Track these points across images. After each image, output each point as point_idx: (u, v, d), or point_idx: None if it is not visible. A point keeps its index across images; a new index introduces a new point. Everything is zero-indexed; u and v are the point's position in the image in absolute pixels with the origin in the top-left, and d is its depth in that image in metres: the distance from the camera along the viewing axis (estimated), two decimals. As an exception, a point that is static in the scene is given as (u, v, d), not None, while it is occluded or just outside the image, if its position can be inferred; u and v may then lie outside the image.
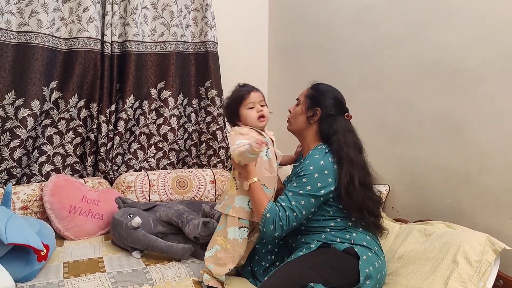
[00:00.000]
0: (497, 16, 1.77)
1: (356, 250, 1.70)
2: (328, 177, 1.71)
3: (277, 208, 1.70)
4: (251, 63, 3.33)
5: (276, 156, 1.91)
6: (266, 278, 1.70)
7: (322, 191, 1.70)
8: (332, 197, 1.75)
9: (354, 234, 1.76)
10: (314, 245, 1.75)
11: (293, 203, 1.70)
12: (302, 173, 1.74)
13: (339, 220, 1.78)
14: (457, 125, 1.96)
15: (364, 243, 1.75)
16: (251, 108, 1.87)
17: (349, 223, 1.78)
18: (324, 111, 1.83)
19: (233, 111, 1.91)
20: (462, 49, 1.92)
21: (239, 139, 1.77)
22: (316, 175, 1.71)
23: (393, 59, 2.28)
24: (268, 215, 1.69)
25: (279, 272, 1.67)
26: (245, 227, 1.81)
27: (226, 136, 3.03)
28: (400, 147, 2.21)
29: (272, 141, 1.93)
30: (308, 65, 2.96)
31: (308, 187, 1.70)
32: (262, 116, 1.88)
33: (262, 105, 1.90)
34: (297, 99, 1.93)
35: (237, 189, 1.84)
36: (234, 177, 1.87)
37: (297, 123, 1.91)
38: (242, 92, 1.91)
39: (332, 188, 1.71)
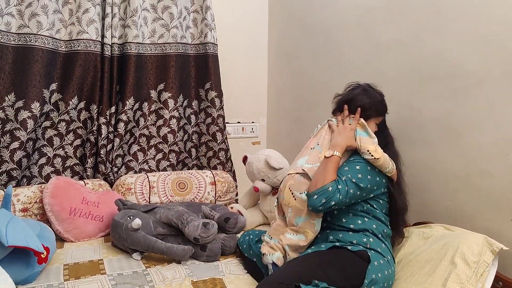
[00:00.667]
0: (496, 21, 1.78)
1: (370, 254, 1.74)
2: (368, 174, 1.80)
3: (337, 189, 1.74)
4: (251, 65, 3.34)
5: None
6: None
7: (362, 185, 1.78)
8: (374, 198, 1.84)
9: (371, 239, 1.80)
10: (325, 246, 1.79)
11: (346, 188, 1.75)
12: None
13: (366, 219, 1.82)
14: (457, 128, 1.97)
15: (379, 250, 1.79)
16: (375, 124, 1.97)
17: (374, 226, 1.82)
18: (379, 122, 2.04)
19: (371, 113, 1.94)
20: (462, 53, 1.93)
21: (375, 139, 1.87)
22: (358, 170, 1.80)
23: (393, 62, 2.29)
24: (330, 188, 1.72)
25: (287, 266, 1.73)
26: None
27: (226, 138, 3.03)
28: (400, 150, 2.20)
29: None
30: (309, 68, 2.97)
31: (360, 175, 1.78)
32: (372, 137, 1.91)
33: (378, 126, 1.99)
34: None
35: None
36: None
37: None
38: (383, 109, 2.00)
39: (368, 186, 1.79)
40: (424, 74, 2.11)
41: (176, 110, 2.94)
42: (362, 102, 1.93)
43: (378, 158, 1.78)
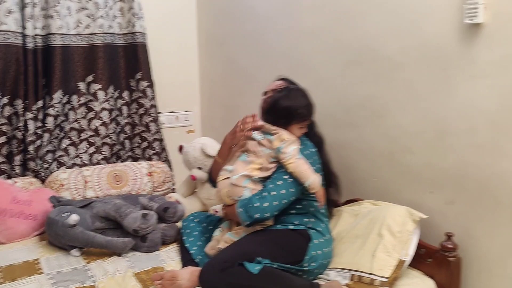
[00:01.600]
0: (413, 8, 1.92)
1: (310, 233, 1.84)
2: (312, 165, 1.85)
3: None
4: (182, 53, 3.33)
5: None
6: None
7: None
8: None
9: (312, 219, 1.89)
10: (271, 223, 1.86)
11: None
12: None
13: (305, 202, 1.89)
14: (380, 109, 2.11)
15: (319, 229, 1.89)
16: (301, 128, 1.91)
17: (311, 208, 1.90)
18: None
19: (287, 121, 1.88)
20: (383, 38, 2.06)
21: (294, 145, 1.82)
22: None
23: (318, 48, 2.39)
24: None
25: (231, 246, 1.79)
26: None
27: (159, 128, 3.02)
28: (329, 131, 2.32)
29: None
30: (239, 56, 3.01)
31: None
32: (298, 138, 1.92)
33: (305, 127, 1.95)
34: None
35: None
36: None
37: None
38: (307, 114, 1.92)
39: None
40: (348, 59, 2.23)
41: (107, 102, 2.88)
42: (284, 107, 1.88)
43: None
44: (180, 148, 2.67)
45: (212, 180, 2.13)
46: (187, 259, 1.98)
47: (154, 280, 1.75)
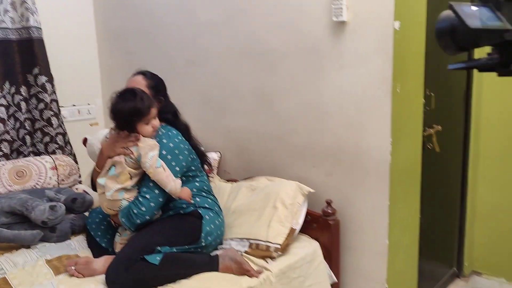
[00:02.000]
0: (292, 7, 2.17)
1: (200, 212, 2.00)
2: (180, 155, 1.96)
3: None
4: (80, 46, 3.33)
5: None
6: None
7: (178, 169, 1.94)
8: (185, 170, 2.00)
9: (197, 199, 2.03)
10: (159, 216, 1.98)
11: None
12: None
13: (188, 184, 2.01)
14: (269, 96, 2.36)
15: (206, 205, 2.05)
16: (148, 123, 1.90)
17: (194, 189, 2.04)
18: (165, 98, 2.11)
19: (129, 125, 1.88)
20: (268, 32, 2.30)
21: (152, 152, 1.86)
22: (169, 157, 1.92)
23: (214, 42, 2.58)
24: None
25: (131, 242, 1.88)
26: None
27: (62, 122, 3.03)
28: (226, 119, 2.54)
29: None
30: (138, 48, 3.11)
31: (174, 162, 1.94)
32: (155, 130, 1.94)
33: (155, 118, 1.93)
34: None
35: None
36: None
37: None
38: (142, 108, 1.87)
39: (184, 163, 1.97)
40: (240, 51, 2.45)
41: (3, 98, 2.84)
42: (118, 113, 1.89)
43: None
44: (85, 141, 2.73)
45: (94, 185, 2.13)
46: (98, 250, 2.06)
47: (69, 266, 1.84)
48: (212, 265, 1.90)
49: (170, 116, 2.09)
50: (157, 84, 2.11)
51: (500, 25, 0.55)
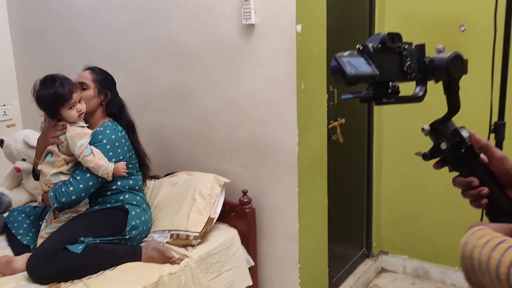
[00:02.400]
0: (206, 10, 2.30)
1: (127, 207, 2.11)
2: (119, 148, 2.07)
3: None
4: (-6, 47, 3.26)
5: None
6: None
7: (114, 160, 2.05)
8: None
9: (127, 196, 2.15)
10: (85, 210, 2.07)
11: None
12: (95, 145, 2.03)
13: (119, 183, 2.13)
14: (188, 94, 2.48)
15: (134, 202, 2.16)
16: (71, 108, 1.96)
17: (127, 187, 2.15)
18: (112, 92, 2.20)
19: (53, 111, 1.97)
20: (186, 34, 2.42)
21: (80, 140, 1.94)
22: (108, 147, 2.04)
23: (134, 42, 2.65)
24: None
25: (54, 234, 1.94)
26: None
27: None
28: (147, 117, 2.63)
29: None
30: (56, 49, 3.09)
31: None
32: (82, 113, 2.01)
33: (80, 101, 2.00)
34: (80, 83, 2.11)
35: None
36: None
37: (90, 105, 2.11)
38: (63, 93, 1.92)
39: (121, 157, 2.08)
40: (158, 52, 2.55)
41: None
42: (40, 99, 1.97)
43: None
44: (1, 142, 2.70)
45: (35, 176, 2.23)
46: (19, 249, 2.07)
47: (-12, 265, 1.85)
48: (135, 255, 1.99)
49: (116, 111, 2.20)
50: (103, 79, 2.20)
51: (371, 71, 0.71)
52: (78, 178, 1.98)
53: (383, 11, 2.85)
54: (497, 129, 1.61)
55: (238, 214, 2.28)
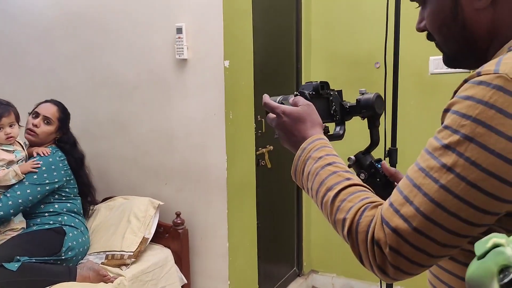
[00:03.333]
0: (143, 44, 2.49)
1: (65, 229, 2.22)
2: (55, 171, 2.21)
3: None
4: None
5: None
6: None
7: (47, 181, 2.19)
8: (60, 188, 2.25)
9: (65, 217, 2.26)
10: (23, 231, 2.16)
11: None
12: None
13: (56, 206, 2.25)
14: (125, 122, 2.63)
15: (72, 224, 2.27)
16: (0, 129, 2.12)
17: (64, 209, 2.27)
18: (68, 130, 2.40)
19: None
20: (124, 65, 2.59)
21: None
22: (44, 168, 2.18)
23: (74, 72, 2.79)
24: None
25: None
26: None
27: None
28: (86, 144, 2.73)
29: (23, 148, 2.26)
30: (-3, 77, 3.17)
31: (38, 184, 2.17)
32: (10, 137, 2.15)
33: (11, 126, 2.16)
34: (46, 117, 2.28)
35: None
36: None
37: (47, 139, 2.32)
38: None
39: (56, 180, 2.22)
40: (98, 82, 2.70)
41: None
42: None
43: None
44: None
45: None
46: None
47: None
48: (70, 275, 2.09)
49: (68, 147, 2.36)
50: (64, 118, 2.38)
51: None
52: (8, 195, 2.09)
53: (309, 49, 3.15)
54: (391, 154, 1.88)
55: (172, 234, 2.42)
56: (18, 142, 2.27)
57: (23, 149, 2.27)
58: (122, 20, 2.56)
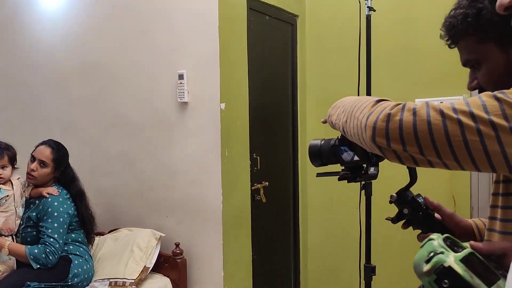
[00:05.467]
0: (148, 89, 2.76)
1: (71, 257, 2.41)
2: (68, 217, 2.42)
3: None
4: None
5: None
6: None
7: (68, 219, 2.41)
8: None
9: (71, 247, 2.46)
10: None
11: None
12: (49, 210, 2.37)
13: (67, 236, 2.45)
14: (132, 159, 2.86)
15: (78, 253, 2.47)
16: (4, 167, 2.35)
17: (69, 240, 2.46)
18: (66, 166, 2.55)
19: None
20: (131, 107, 2.84)
21: None
22: (61, 220, 2.38)
23: (86, 114, 3.06)
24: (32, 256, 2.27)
25: (5, 279, 2.23)
26: None
27: None
28: (96, 179, 2.98)
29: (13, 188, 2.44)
30: (17, 119, 3.43)
31: (61, 219, 2.38)
32: (0, 178, 2.37)
33: (3, 167, 2.38)
34: (41, 160, 2.44)
35: None
36: None
37: (46, 179, 2.48)
38: None
39: (68, 220, 2.42)
40: (108, 122, 2.95)
41: None
42: None
43: None
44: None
45: None
46: None
47: None
48: (75, 300, 2.28)
49: (66, 182, 2.54)
50: (62, 156, 2.53)
51: (354, 160, 0.98)
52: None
53: (304, 91, 3.38)
54: (366, 188, 2.06)
55: (171, 264, 2.60)
56: (11, 182, 2.44)
57: (13, 188, 2.43)
58: (130, 68, 2.84)
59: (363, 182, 2.08)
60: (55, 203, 2.40)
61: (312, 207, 3.44)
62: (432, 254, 0.66)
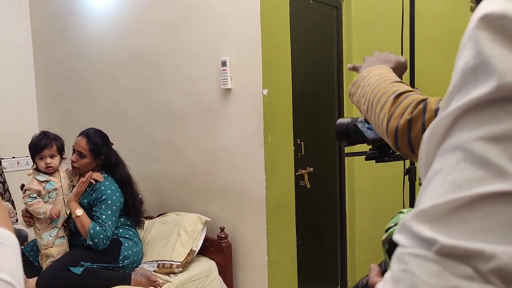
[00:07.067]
0: (192, 77, 2.81)
1: (121, 240, 2.52)
2: (119, 205, 2.53)
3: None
4: (21, 106, 3.80)
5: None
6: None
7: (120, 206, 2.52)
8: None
9: (121, 230, 2.57)
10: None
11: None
12: (104, 197, 2.48)
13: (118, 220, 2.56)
14: (177, 147, 2.94)
15: (127, 236, 2.58)
16: (41, 159, 2.45)
17: (119, 223, 2.57)
18: (107, 154, 2.61)
19: (31, 157, 2.50)
20: (175, 97, 2.91)
21: (28, 191, 2.44)
22: (114, 207, 2.49)
23: (133, 104, 3.16)
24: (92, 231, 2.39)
25: (61, 258, 2.37)
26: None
27: (2, 172, 3.45)
28: (144, 165, 3.08)
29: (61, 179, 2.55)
30: (72, 110, 3.62)
31: (114, 207, 2.48)
32: (50, 167, 2.46)
33: (52, 157, 2.47)
34: (78, 151, 2.53)
35: None
36: None
37: (88, 168, 2.55)
38: (37, 145, 2.44)
39: (118, 209, 2.53)
40: (154, 111, 3.04)
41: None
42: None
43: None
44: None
45: None
46: (31, 272, 2.44)
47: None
48: (125, 280, 2.38)
49: (111, 168, 2.62)
50: (100, 146, 2.58)
51: (379, 137, 0.87)
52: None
53: (350, 77, 3.32)
54: (409, 172, 2.00)
55: (216, 248, 2.65)
56: (59, 172, 2.54)
57: (61, 180, 2.53)
58: (173, 57, 2.90)
59: (406, 167, 2.02)
60: (108, 191, 2.50)
61: (360, 193, 3.39)
62: (393, 225, 0.68)
